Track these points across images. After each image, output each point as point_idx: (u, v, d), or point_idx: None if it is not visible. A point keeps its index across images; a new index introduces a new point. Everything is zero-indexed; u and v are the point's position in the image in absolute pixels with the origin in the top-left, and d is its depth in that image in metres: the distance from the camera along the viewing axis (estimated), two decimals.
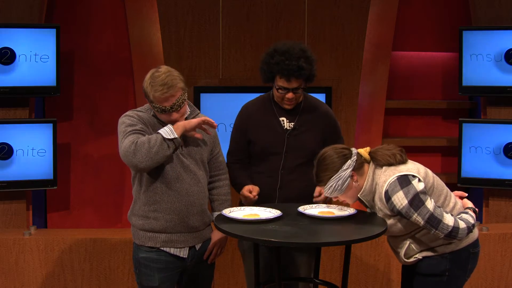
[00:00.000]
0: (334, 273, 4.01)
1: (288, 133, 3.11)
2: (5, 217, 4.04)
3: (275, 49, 3.01)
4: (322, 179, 2.67)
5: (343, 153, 2.67)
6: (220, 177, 3.02)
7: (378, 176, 2.65)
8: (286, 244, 2.56)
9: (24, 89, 3.94)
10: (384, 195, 2.59)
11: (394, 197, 2.55)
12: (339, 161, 2.64)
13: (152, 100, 2.71)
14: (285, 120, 3.13)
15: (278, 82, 3.01)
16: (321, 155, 2.70)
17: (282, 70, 2.96)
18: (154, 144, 2.64)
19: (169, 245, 2.81)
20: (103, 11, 4.31)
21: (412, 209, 2.52)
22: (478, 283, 3.99)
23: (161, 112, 2.73)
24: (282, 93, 3.03)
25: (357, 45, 4.27)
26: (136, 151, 2.63)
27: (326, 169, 2.65)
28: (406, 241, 2.68)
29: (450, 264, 2.65)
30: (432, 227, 2.53)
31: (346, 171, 2.63)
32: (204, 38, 4.20)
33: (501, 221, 4.27)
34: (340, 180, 2.63)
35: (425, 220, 2.52)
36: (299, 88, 3.03)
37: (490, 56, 4.12)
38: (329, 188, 2.65)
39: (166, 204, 2.78)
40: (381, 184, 2.62)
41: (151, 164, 2.66)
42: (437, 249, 2.66)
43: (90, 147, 4.34)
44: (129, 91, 4.33)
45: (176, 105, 2.71)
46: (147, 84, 2.71)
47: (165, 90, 2.67)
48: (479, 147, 4.15)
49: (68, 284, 3.87)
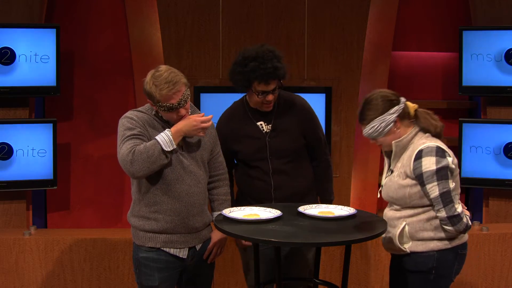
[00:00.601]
0: (334, 273, 4.01)
1: (268, 136, 3.13)
2: (5, 217, 4.04)
3: (244, 56, 3.01)
4: (366, 117, 2.69)
5: (390, 98, 2.68)
6: (219, 177, 3.02)
7: (419, 138, 2.68)
8: (286, 244, 2.56)
9: (24, 89, 3.94)
10: (416, 153, 2.62)
11: (425, 159, 2.58)
12: (385, 104, 2.66)
13: (159, 100, 2.69)
14: (263, 123, 3.14)
15: (257, 87, 3.01)
16: (369, 96, 2.72)
17: (259, 76, 2.96)
18: (152, 155, 2.64)
19: (169, 246, 2.81)
20: (103, 11, 4.31)
21: (435, 177, 2.55)
22: (478, 283, 4.00)
23: (168, 111, 2.71)
24: (262, 97, 3.04)
25: (357, 45, 4.27)
26: (133, 161, 2.64)
27: (371, 108, 2.68)
28: (403, 223, 2.67)
29: (437, 262, 2.66)
30: (441, 203, 2.55)
31: (392, 115, 2.65)
32: (204, 38, 4.20)
33: (501, 221, 4.27)
34: (384, 123, 2.65)
35: (441, 193, 2.55)
36: (276, 88, 3.04)
37: (490, 56, 4.12)
38: (370, 128, 2.67)
39: (166, 205, 2.78)
40: (418, 144, 2.65)
41: (148, 172, 2.69)
42: (427, 244, 2.66)
43: (90, 147, 4.34)
44: (129, 91, 4.33)
45: (182, 101, 2.71)
46: (150, 85, 2.70)
47: (171, 86, 2.67)
48: (479, 147, 4.15)
49: (68, 284, 3.87)
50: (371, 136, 2.70)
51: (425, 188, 2.59)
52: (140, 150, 2.65)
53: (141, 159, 2.64)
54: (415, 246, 2.67)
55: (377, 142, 2.74)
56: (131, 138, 2.71)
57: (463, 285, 4.00)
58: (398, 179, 2.68)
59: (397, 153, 2.72)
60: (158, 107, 2.73)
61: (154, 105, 2.75)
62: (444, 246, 2.66)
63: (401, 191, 2.66)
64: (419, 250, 2.66)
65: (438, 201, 2.57)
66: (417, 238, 2.67)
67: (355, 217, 2.80)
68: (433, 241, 2.65)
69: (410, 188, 2.64)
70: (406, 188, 2.64)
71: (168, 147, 2.67)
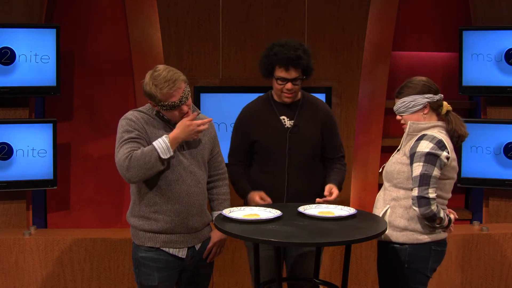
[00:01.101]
0: (334, 273, 4.01)
1: (289, 131, 3.13)
2: (5, 217, 4.04)
3: (274, 43, 3.11)
4: (402, 92, 2.84)
5: (430, 85, 2.82)
6: (219, 176, 3.02)
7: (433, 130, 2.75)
8: (286, 244, 2.56)
9: (24, 89, 3.94)
10: (420, 135, 2.73)
11: (423, 141, 2.69)
12: (424, 87, 2.80)
13: (161, 99, 2.69)
14: (286, 118, 3.16)
15: (277, 72, 3.07)
16: (414, 78, 2.87)
17: (280, 60, 3.03)
18: (149, 161, 2.65)
19: (169, 245, 2.81)
20: (103, 11, 4.31)
21: (423, 158, 2.65)
22: (478, 283, 4.00)
23: (170, 109, 2.72)
24: (281, 84, 3.07)
25: (357, 45, 4.27)
26: (129, 167, 2.65)
27: (410, 86, 2.83)
28: (386, 205, 2.79)
29: (409, 256, 2.72)
30: (418, 182, 2.64)
31: (424, 99, 2.79)
32: (204, 38, 4.20)
33: (501, 221, 4.27)
34: (414, 102, 2.79)
35: (422, 173, 2.64)
36: (297, 79, 3.07)
37: (490, 56, 4.12)
38: (401, 102, 2.82)
39: (166, 205, 2.78)
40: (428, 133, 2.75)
41: (144, 178, 2.70)
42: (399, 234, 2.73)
43: (90, 147, 4.34)
44: (129, 91, 4.33)
45: (183, 98, 2.72)
46: (150, 85, 2.70)
47: (172, 84, 2.68)
48: (479, 147, 4.15)
49: (68, 284, 3.87)
50: (399, 111, 2.84)
51: (412, 166, 2.68)
52: (136, 157, 2.65)
53: (138, 165, 2.65)
54: (389, 235, 2.75)
55: (402, 120, 2.86)
56: (129, 141, 2.71)
57: (463, 285, 4.00)
58: (399, 156, 2.81)
59: (409, 134, 2.81)
60: (160, 106, 2.72)
61: (155, 105, 2.75)
62: (416, 240, 2.72)
63: (394, 166, 2.80)
64: (392, 240, 2.74)
65: (416, 180, 2.65)
66: (392, 225, 2.75)
67: (355, 217, 2.80)
68: (405, 231, 2.72)
69: (401, 165, 2.76)
70: (398, 165, 2.78)
71: (165, 154, 2.68)
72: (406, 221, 2.72)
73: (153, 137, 2.74)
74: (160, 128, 2.78)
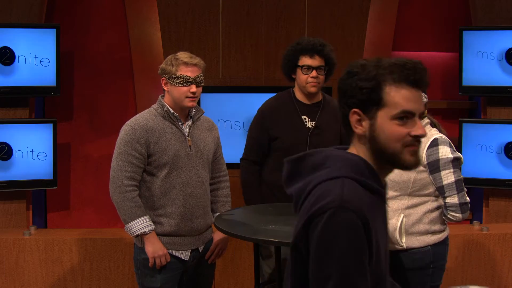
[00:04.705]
0: None
1: (310, 131, 3.14)
2: (5, 217, 4.04)
3: (298, 41, 3.18)
4: None
5: None
6: (221, 178, 3.02)
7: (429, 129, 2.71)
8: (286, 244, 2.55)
9: (24, 89, 3.94)
10: (432, 140, 2.65)
11: (442, 147, 2.63)
12: None
13: (177, 70, 2.72)
14: (307, 118, 3.18)
15: (302, 61, 3.12)
16: None
17: (305, 47, 3.11)
18: (129, 216, 2.72)
19: (172, 247, 2.81)
20: (103, 11, 4.31)
21: (451, 165, 2.61)
22: (478, 283, 3.99)
23: (183, 84, 2.73)
24: (306, 73, 3.10)
25: (357, 45, 4.27)
26: (115, 195, 2.73)
27: None
28: (401, 215, 2.68)
29: (433, 256, 2.71)
30: (456, 190, 2.61)
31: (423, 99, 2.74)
32: (204, 38, 4.20)
33: (501, 221, 4.27)
34: None
35: (456, 179, 2.61)
36: (322, 68, 3.11)
37: (490, 56, 4.12)
38: None
39: (171, 208, 2.77)
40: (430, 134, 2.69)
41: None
42: (423, 239, 2.68)
43: (90, 147, 4.34)
44: (129, 91, 4.33)
45: (198, 79, 2.76)
46: (171, 59, 2.76)
47: (192, 58, 2.76)
48: (479, 147, 4.15)
49: (68, 284, 3.87)
50: None
51: (437, 174, 2.63)
52: (127, 203, 2.71)
53: (123, 206, 2.72)
54: (411, 242, 2.68)
55: None
56: (129, 163, 2.71)
57: (463, 285, 4.00)
58: None
59: None
60: (172, 80, 2.73)
61: (167, 81, 2.75)
62: (437, 239, 2.71)
63: (406, 175, 2.66)
64: (415, 246, 2.69)
65: (452, 187, 2.62)
66: (411, 231, 2.69)
67: None
68: (427, 235, 2.69)
69: (417, 173, 2.65)
70: (412, 173, 2.65)
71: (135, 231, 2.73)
72: (427, 225, 2.69)
73: (160, 139, 2.73)
74: (167, 129, 2.77)
